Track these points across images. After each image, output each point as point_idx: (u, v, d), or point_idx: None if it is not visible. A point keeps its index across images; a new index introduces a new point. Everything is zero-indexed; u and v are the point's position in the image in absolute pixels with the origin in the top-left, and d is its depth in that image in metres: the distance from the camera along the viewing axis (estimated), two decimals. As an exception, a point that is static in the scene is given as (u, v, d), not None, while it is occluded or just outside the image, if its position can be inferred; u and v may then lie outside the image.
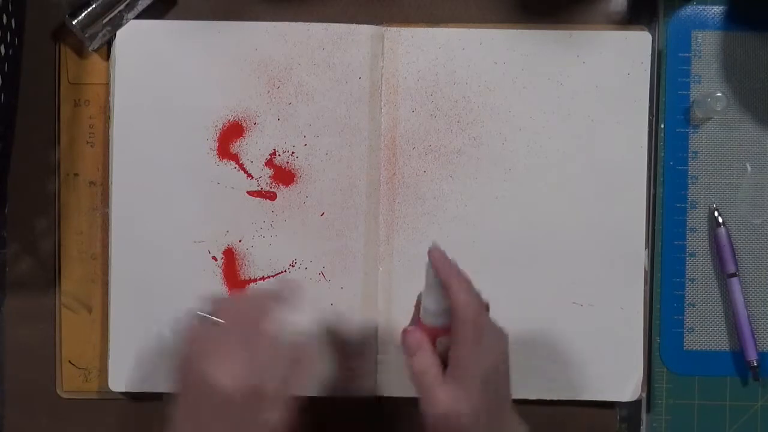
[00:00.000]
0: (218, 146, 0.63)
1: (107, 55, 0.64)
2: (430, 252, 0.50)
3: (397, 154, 0.63)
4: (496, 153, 0.63)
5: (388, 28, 0.63)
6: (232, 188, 0.63)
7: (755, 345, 0.63)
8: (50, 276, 0.64)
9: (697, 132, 0.64)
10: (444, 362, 0.49)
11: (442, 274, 0.49)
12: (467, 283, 0.49)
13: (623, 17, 0.64)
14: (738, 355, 0.64)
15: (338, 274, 0.63)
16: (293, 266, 0.63)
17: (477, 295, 0.49)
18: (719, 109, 0.61)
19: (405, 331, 0.50)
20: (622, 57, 0.63)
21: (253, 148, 0.63)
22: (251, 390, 0.47)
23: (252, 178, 0.63)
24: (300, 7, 0.64)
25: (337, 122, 0.63)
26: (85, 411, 0.64)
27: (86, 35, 0.62)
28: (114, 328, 0.63)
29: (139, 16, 0.63)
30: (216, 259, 0.63)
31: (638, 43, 0.63)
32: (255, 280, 0.63)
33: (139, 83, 0.63)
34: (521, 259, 0.63)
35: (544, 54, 0.63)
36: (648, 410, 0.64)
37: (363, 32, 0.63)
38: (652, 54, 0.63)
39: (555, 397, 0.63)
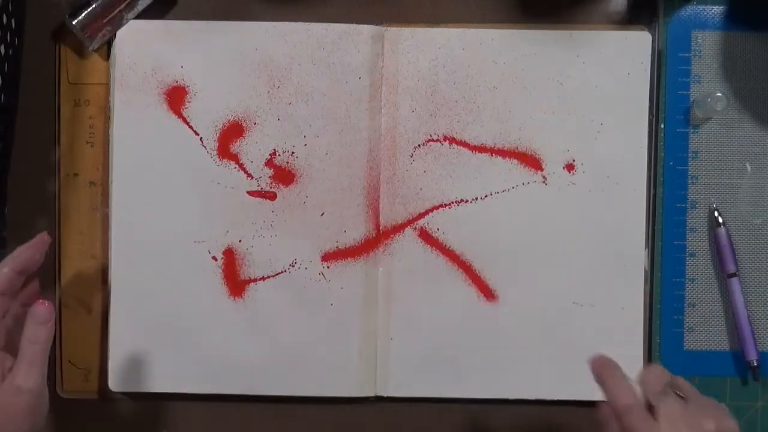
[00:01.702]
0: (218, 146, 0.63)
1: (107, 55, 0.64)
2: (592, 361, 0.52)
3: (397, 154, 0.63)
4: (496, 153, 0.63)
5: (388, 28, 0.63)
6: (232, 188, 0.63)
7: (755, 345, 0.63)
8: (50, 276, 0.64)
9: (697, 132, 0.64)
10: None
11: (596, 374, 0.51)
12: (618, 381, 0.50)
13: (623, 17, 0.64)
14: (738, 355, 0.64)
15: (338, 274, 0.63)
16: (293, 266, 0.63)
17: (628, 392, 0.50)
18: (719, 109, 0.61)
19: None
20: (622, 57, 0.63)
21: (253, 148, 0.63)
22: None
23: (252, 178, 0.63)
24: (300, 7, 0.64)
25: (337, 122, 0.63)
26: (85, 411, 0.64)
27: (86, 35, 0.62)
28: (114, 328, 0.63)
29: (139, 16, 0.63)
30: (216, 259, 0.63)
31: (638, 43, 0.63)
32: (255, 280, 0.63)
33: (139, 83, 0.63)
34: (521, 259, 0.63)
35: (544, 54, 0.63)
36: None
37: (363, 32, 0.63)
38: (652, 54, 0.63)
39: (555, 397, 0.63)
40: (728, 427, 0.48)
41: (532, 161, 0.63)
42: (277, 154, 0.63)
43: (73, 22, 0.61)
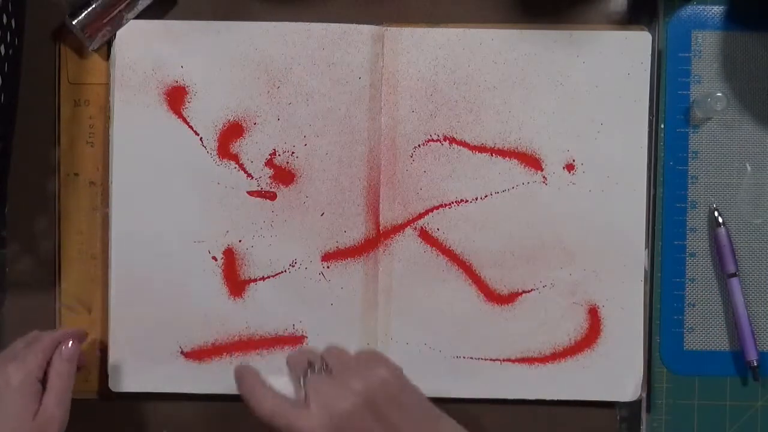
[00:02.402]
0: (218, 146, 0.63)
1: (107, 55, 0.64)
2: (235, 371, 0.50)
3: (397, 154, 0.63)
4: (496, 153, 0.63)
5: (388, 28, 0.63)
6: (232, 188, 0.63)
7: (755, 345, 0.63)
8: (50, 276, 0.64)
9: (697, 132, 0.64)
10: None
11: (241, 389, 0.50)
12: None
13: (623, 17, 0.64)
14: (738, 355, 0.64)
15: (338, 274, 0.63)
16: (293, 266, 0.63)
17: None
18: (719, 109, 0.61)
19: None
20: (622, 57, 0.63)
21: (253, 148, 0.63)
22: None
23: (252, 178, 0.63)
24: (300, 7, 0.64)
25: (337, 122, 0.63)
26: (85, 411, 0.64)
27: (86, 35, 0.62)
28: (114, 328, 0.63)
29: (139, 16, 0.63)
30: (216, 259, 0.63)
31: (638, 43, 0.63)
32: (255, 280, 0.63)
33: (139, 83, 0.63)
34: (521, 259, 0.63)
35: (544, 54, 0.63)
36: (648, 410, 0.64)
37: (363, 32, 0.63)
38: (652, 54, 0.63)
39: (555, 397, 0.63)
40: (376, 378, 0.47)
41: (532, 161, 0.63)
42: (277, 154, 0.63)
43: (73, 22, 0.61)
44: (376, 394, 0.47)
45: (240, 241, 0.63)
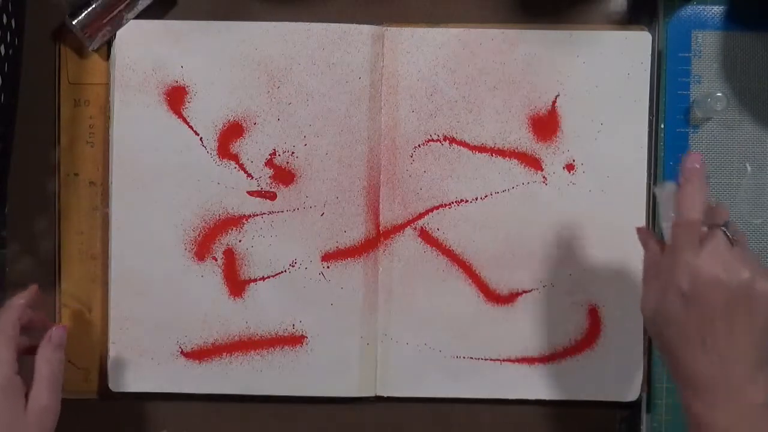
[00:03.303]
0: (218, 146, 0.63)
1: (107, 55, 0.64)
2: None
3: (397, 155, 0.63)
4: (496, 153, 0.63)
5: (388, 28, 0.63)
6: (232, 188, 0.63)
7: (755, 345, 0.63)
8: (50, 276, 0.64)
9: (697, 132, 0.64)
10: None
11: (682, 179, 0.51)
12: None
13: (623, 17, 0.64)
14: (738, 355, 0.64)
15: (338, 274, 0.63)
16: (293, 266, 0.63)
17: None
18: (719, 109, 0.61)
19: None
20: (622, 57, 0.63)
21: (253, 148, 0.63)
22: None
23: (252, 178, 0.63)
24: (300, 7, 0.64)
25: (337, 122, 0.63)
26: (85, 411, 0.64)
27: (86, 35, 0.62)
28: (114, 328, 0.63)
29: (139, 16, 0.63)
30: (216, 259, 0.63)
31: (638, 43, 0.63)
32: (255, 280, 0.63)
33: (139, 83, 0.63)
34: (521, 259, 0.63)
35: (544, 54, 0.63)
36: (648, 410, 0.64)
37: (363, 32, 0.63)
38: (652, 54, 0.63)
39: (555, 397, 0.63)
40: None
41: (532, 161, 0.63)
42: (277, 154, 0.63)
43: (73, 22, 0.61)
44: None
45: (240, 241, 0.63)
